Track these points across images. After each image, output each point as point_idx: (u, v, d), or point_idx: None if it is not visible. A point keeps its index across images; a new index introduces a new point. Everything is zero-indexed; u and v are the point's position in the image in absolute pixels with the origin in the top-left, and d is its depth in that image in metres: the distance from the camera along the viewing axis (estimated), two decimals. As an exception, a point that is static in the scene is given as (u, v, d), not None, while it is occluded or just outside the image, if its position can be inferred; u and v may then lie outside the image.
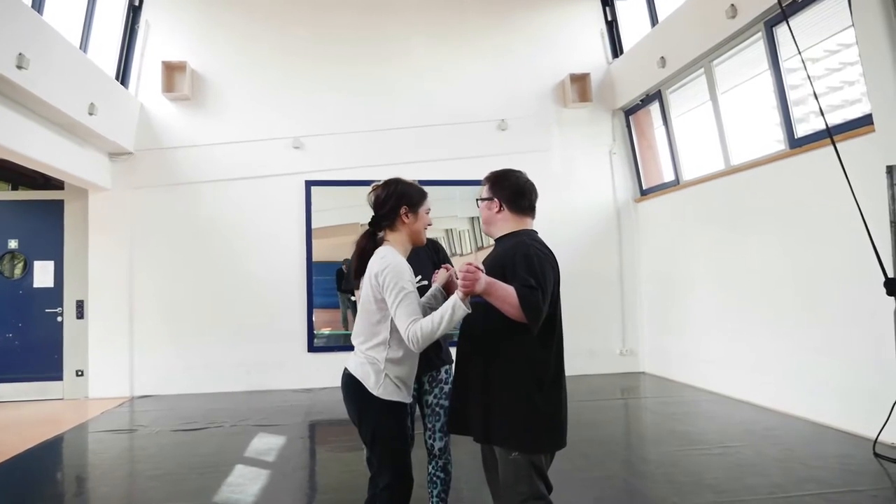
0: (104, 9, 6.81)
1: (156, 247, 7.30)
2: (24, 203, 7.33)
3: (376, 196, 2.50)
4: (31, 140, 5.62)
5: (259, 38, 7.63)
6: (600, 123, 8.13)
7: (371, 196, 2.53)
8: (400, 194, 2.47)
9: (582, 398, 6.50)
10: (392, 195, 2.46)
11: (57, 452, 5.06)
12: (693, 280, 6.88)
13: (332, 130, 7.60)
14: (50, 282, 7.17)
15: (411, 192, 2.49)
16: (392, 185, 2.50)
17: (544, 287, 2.24)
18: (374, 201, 2.50)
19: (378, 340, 2.36)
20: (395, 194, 2.46)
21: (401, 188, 2.49)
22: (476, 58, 7.94)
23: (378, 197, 2.49)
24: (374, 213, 2.50)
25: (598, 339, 7.90)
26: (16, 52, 4.75)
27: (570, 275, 7.62)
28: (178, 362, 7.23)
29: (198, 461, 4.55)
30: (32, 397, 7.01)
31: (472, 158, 7.73)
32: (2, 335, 7.06)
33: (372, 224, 2.50)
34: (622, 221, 8.06)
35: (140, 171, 7.32)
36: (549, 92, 8.04)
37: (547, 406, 2.32)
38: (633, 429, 5.43)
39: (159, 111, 7.43)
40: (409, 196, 2.47)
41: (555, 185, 7.92)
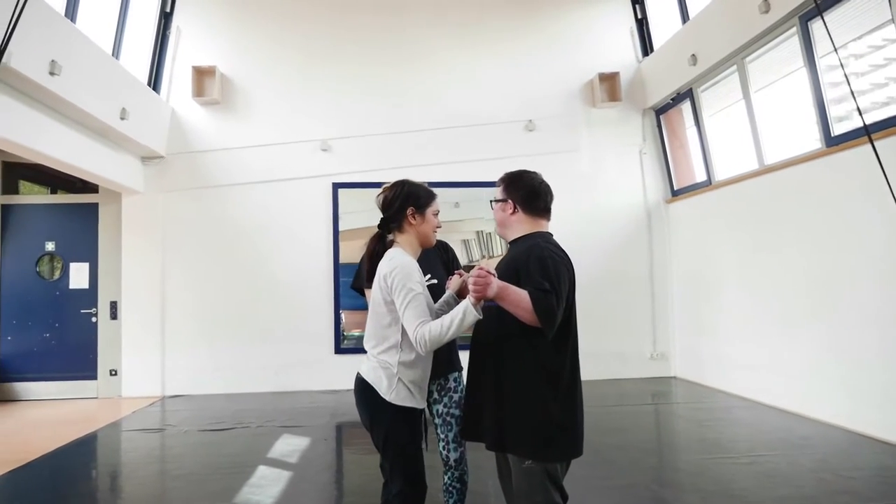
0: (137, 16, 6.97)
1: (186, 249, 7.42)
2: (61, 206, 7.52)
3: (384, 198, 2.48)
4: (65, 144, 5.76)
5: (286, 41, 7.70)
6: (630, 123, 7.99)
7: (379, 198, 2.51)
8: (406, 195, 2.44)
9: (611, 403, 6.40)
10: (399, 196, 2.44)
11: (88, 450, 5.16)
12: (726, 282, 6.71)
13: (359, 133, 7.63)
14: (85, 283, 7.34)
15: (418, 194, 2.47)
16: (399, 187, 2.48)
17: (559, 291, 2.18)
18: (382, 203, 2.48)
19: (389, 344, 2.34)
20: (402, 195, 2.44)
21: (407, 189, 2.46)
22: (502, 59, 7.88)
23: (385, 198, 2.47)
24: (383, 215, 2.48)
25: (628, 342, 7.77)
26: (48, 59, 4.87)
27: (600, 277, 7.65)
28: (208, 363, 7.33)
29: (222, 461, 4.59)
30: (68, 396, 7.18)
31: (499, 160, 7.62)
32: (39, 335, 7.25)
33: (381, 226, 2.48)
34: (653, 222, 7.90)
35: (171, 174, 7.45)
36: (578, 92, 7.93)
37: (561, 413, 2.26)
38: (662, 435, 5.30)
39: (190, 115, 7.56)
40: (415, 197, 2.45)
41: (584, 186, 7.83)
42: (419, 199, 2.45)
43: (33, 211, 7.40)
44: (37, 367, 7.19)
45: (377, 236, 2.50)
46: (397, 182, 2.52)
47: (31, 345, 7.22)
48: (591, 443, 4.75)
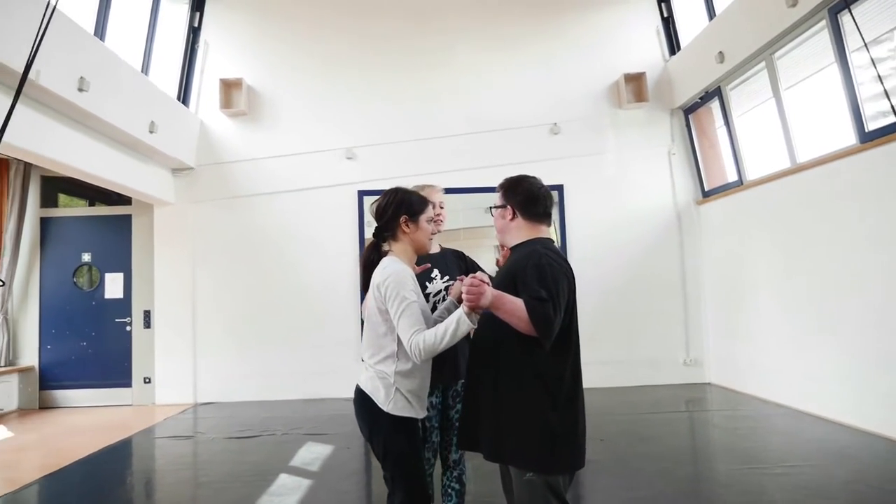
0: (166, 32, 7.15)
1: (216, 258, 7.55)
2: (96, 218, 7.73)
3: (377, 206, 2.46)
4: (96, 158, 5.93)
5: (311, 51, 7.79)
6: (658, 123, 7.83)
7: (373, 207, 2.50)
8: (399, 203, 2.43)
9: (643, 411, 6.26)
10: (391, 204, 2.43)
11: (119, 457, 5.27)
12: (760, 284, 6.50)
13: (383, 140, 7.66)
14: (120, 293, 7.53)
15: (411, 201, 2.45)
16: (391, 195, 2.46)
17: (556, 299, 2.12)
18: (375, 212, 2.46)
19: (386, 353, 2.31)
20: (395, 203, 2.43)
21: (400, 197, 2.45)
22: (525, 62, 7.83)
23: (378, 207, 2.46)
24: (377, 224, 2.46)
25: (660, 347, 7.59)
26: (77, 76, 5.02)
27: (629, 281, 7.52)
28: (239, 370, 7.43)
29: (245, 469, 4.63)
30: (104, 403, 7.37)
31: (524, 164, 7.55)
32: (77, 344, 7.46)
33: (375, 235, 2.47)
34: (683, 224, 7.72)
35: (201, 185, 7.60)
36: (603, 93, 7.81)
37: (562, 425, 2.19)
38: (692, 444, 5.15)
39: (218, 127, 7.70)
40: (408, 204, 2.43)
41: (611, 189, 7.72)
42: (412, 207, 2.43)
43: (70, 223, 7.63)
44: (74, 374, 7.41)
45: (372, 245, 2.48)
46: (390, 190, 2.51)
47: (69, 353, 7.43)
48: (618, 452, 4.72)
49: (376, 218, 2.48)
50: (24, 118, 4.79)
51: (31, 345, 7.40)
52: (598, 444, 5.10)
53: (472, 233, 7.49)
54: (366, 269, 2.44)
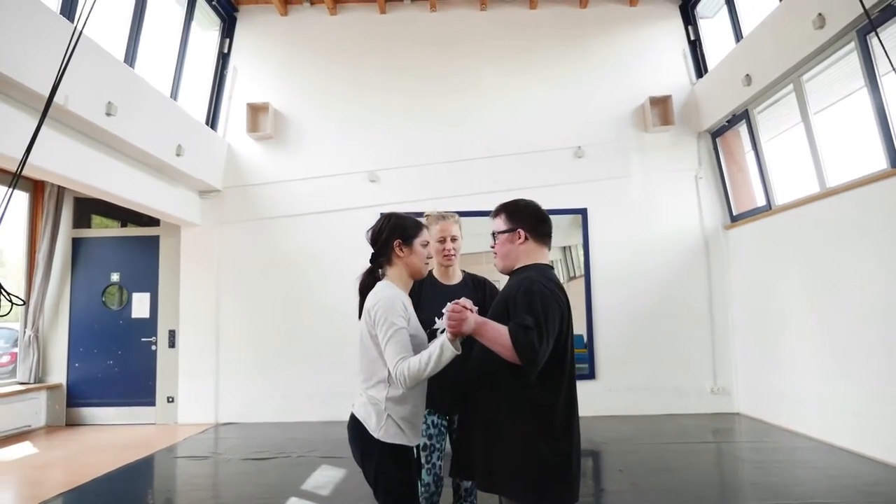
0: (198, 57, 7.35)
1: (241, 279, 7.63)
2: (125, 239, 7.90)
3: (372, 231, 2.45)
4: (125, 181, 6.07)
5: (336, 74, 7.91)
6: (684, 147, 7.72)
7: (368, 233, 2.48)
8: (392, 228, 2.42)
9: (665, 440, 6.08)
10: (385, 229, 2.42)
11: (135, 476, 5.29)
12: (790, 311, 6.29)
13: (406, 163, 7.70)
14: (146, 312, 7.66)
15: (405, 225, 2.43)
16: (385, 220, 2.46)
17: (544, 327, 2.06)
18: (371, 236, 2.45)
19: (378, 379, 2.28)
20: (388, 228, 2.42)
21: (393, 222, 2.44)
22: (549, 85, 7.82)
23: (373, 232, 2.44)
24: (372, 250, 2.44)
25: (686, 375, 7.39)
26: (105, 101, 5.17)
27: (655, 307, 7.38)
28: (260, 391, 7.45)
29: (256, 491, 4.62)
30: (128, 421, 7.46)
31: (548, 187, 7.57)
32: (104, 362, 7.58)
33: (371, 260, 2.45)
34: (711, 249, 7.55)
35: (227, 207, 7.72)
36: (628, 116, 7.75)
37: (554, 457, 2.12)
38: (715, 477, 4.96)
39: (244, 150, 7.84)
40: (402, 229, 2.41)
41: (636, 213, 7.61)
42: (405, 231, 2.42)
43: (100, 243, 7.82)
44: (101, 393, 7.52)
45: (368, 271, 2.47)
46: (384, 215, 2.50)
47: (96, 371, 7.56)
48: (637, 483, 4.59)
49: (371, 243, 2.47)
50: (53, 141, 4.94)
51: (59, 362, 7.55)
52: (616, 475, 4.98)
53: None
54: (361, 294, 2.42)
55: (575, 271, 7.59)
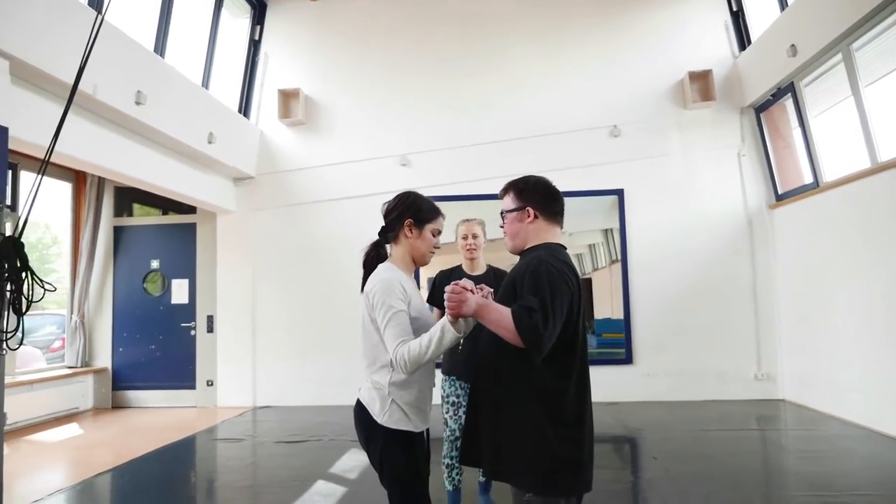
0: (229, 44, 7.40)
1: (275, 265, 7.71)
2: (164, 227, 8.06)
3: (387, 204, 2.37)
4: (158, 169, 6.18)
5: (366, 58, 7.85)
6: (726, 123, 7.40)
7: (384, 205, 2.40)
8: (408, 205, 2.33)
9: (704, 427, 5.90)
10: (400, 205, 2.33)
11: (170, 458, 5.41)
12: (838, 293, 5.99)
13: (437, 146, 7.61)
14: (185, 298, 7.82)
15: (421, 207, 2.33)
16: (403, 196, 2.37)
17: (550, 309, 1.94)
18: (384, 209, 2.37)
19: (381, 363, 2.22)
20: (404, 204, 2.33)
21: (411, 200, 2.35)
22: (583, 63, 7.59)
23: (388, 205, 2.36)
24: (384, 223, 2.37)
25: (729, 361, 7.15)
26: (134, 90, 5.24)
27: (696, 290, 7.14)
28: (296, 375, 7.54)
29: (285, 474, 4.66)
30: (170, 404, 7.66)
31: (583, 168, 7.41)
32: (146, 347, 7.79)
33: (380, 233, 2.38)
34: (754, 230, 7.24)
35: (260, 193, 7.80)
36: (666, 93, 7.47)
37: (564, 445, 2.02)
38: (754, 466, 4.75)
39: (276, 137, 7.88)
40: (416, 210, 2.32)
41: (676, 194, 7.36)
42: (419, 213, 2.32)
43: (140, 231, 8.00)
44: (143, 376, 7.74)
45: (375, 244, 2.40)
46: (404, 192, 2.41)
47: (139, 356, 7.78)
48: (670, 470, 4.44)
49: (384, 216, 2.39)
50: (84, 130, 5.04)
51: (104, 347, 7.79)
52: (649, 462, 4.84)
53: None
54: (365, 267, 2.37)
55: (617, 255, 7.40)
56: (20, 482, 4.55)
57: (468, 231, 3.71)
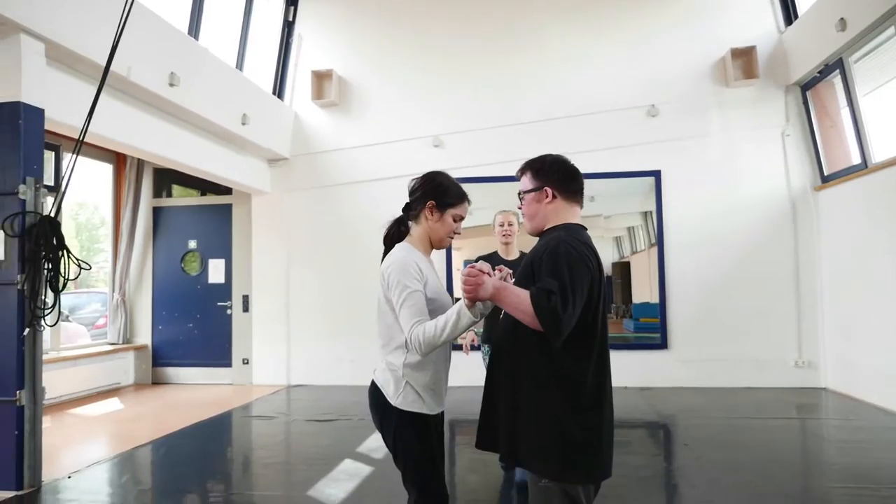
0: (263, 26, 7.43)
1: (308, 245, 7.78)
2: (201, 207, 8.21)
3: (413, 182, 2.33)
4: (193, 151, 6.29)
5: (399, 39, 7.80)
6: (770, 102, 7.12)
7: (411, 181, 2.36)
8: (433, 186, 2.27)
9: (739, 414, 5.75)
10: (425, 184, 2.28)
11: (203, 434, 5.52)
12: (886, 278, 5.73)
13: (470, 127, 7.53)
14: (221, 278, 7.97)
15: (445, 190, 2.27)
16: (429, 177, 2.31)
17: (569, 291, 1.88)
18: (409, 187, 2.33)
19: (396, 344, 2.19)
20: (429, 185, 2.27)
21: (437, 181, 2.29)
22: (622, 41, 7.38)
23: (414, 183, 2.32)
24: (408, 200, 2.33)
25: (767, 347, 6.94)
26: (168, 72, 5.30)
27: (734, 274, 6.95)
28: (329, 355, 7.62)
29: (313, 452, 4.72)
30: (207, 381, 7.84)
31: (619, 149, 7.25)
32: (184, 325, 7.98)
33: (403, 209, 2.34)
34: (798, 212, 6.98)
35: (294, 174, 7.86)
36: (707, 70, 7.21)
37: (582, 431, 1.97)
38: (787, 455, 4.60)
39: (310, 118, 7.91)
40: (440, 192, 2.26)
41: (715, 175, 7.16)
42: (443, 196, 2.26)
43: (178, 212, 8.17)
44: (182, 354, 7.94)
45: (396, 220, 2.37)
46: (431, 172, 2.35)
47: (178, 334, 7.98)
48: (700, 458, 4.35)
49: (409, 193, 2.35)
50: (120, 112, 5.13)
51: (145, 325, 8.01)
52: (680, 449, 4.76)
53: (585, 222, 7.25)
54: (386, 244, 2.34)
55: (655, 238, 7.24)
56: (61, 453, 4.71)
57: (505, 219, 4.17)
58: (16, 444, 3.79)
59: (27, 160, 3.94)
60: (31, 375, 3.89)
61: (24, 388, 3.84)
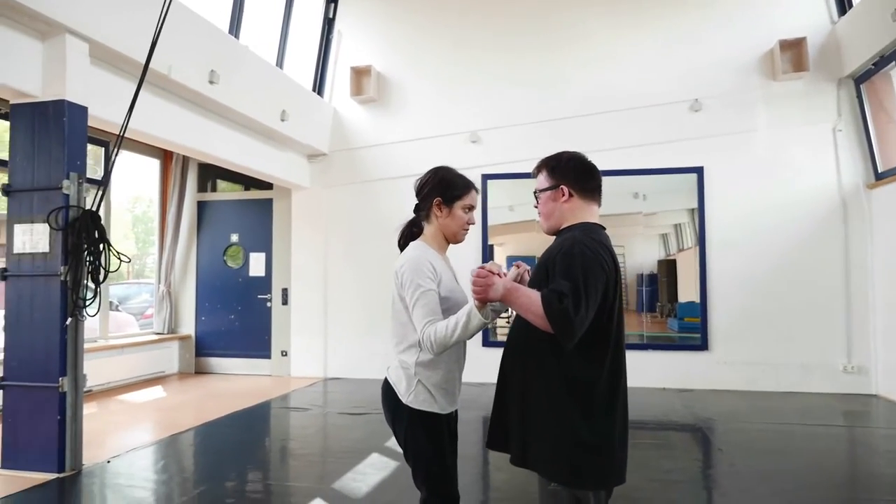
0: (303, 23, 7.54)
1: (346, 240, 7.87)
2: (243, 202, 8.40)
3: (418, 181, 2.31)
4: (233, 147, 6.42)
5: (437, 34, 7.79)
6: (821, 96, 6.84)
7: (416, 182, 2.34)
8: (437, 182, 2.25)
9: (780, 420, 5.56)
10: (429, 182, 2.27)
11: (239, 423, 5.64)
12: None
13: (508, 123, 7.48)
14: (262, 271, 8.14)
15: (449, 184, 2.25)
16: (432, 173, 2.30)
17: (582, 293, 1.84)
18: (416, 187, 2.31)
19: (408, 343, 2.20)
20: (432, 183, 2.26)
21: (439, 177, 2.27)
22: (664, 33, 7.20)
23: (419, 182, 2.30)
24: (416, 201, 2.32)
25: (815, 351, 6.69)
26: (208, 70, 5.42)
27: (780, 274, 6.73)
28: (365, 349, 7.69)
29: (342, 445, 4.78)
30: (247, 372, 8.02)
31: (660, 145, 7.09)
32: (226, 317, 8.19)
33: (414, 210, 2.34)
34: (849, 211, 6.69)
35: (333, 170, 7.96)
36: (753, 63, 6.97)
37: (594, 435, 1.92)
38: (830, 465, 4.42)
39: (349, 114, 7.98)
40: (445, 187, 2.24)
41: (761, 172, 6.94)
42: (448, 191, 2.24)
43: (221, 206, 8.37)
44: (223, 344, 8.15)
45: (410, 222, 2.37)
46: (434, 168, 2.34)
47: (220, 325, 8.18)
48: (734, 465, 4.23)
49: (416, 194, 2.34)
50: (162, 109, 5.28)
51: (189, 316, 8.25)
52: (714, 454, 4.63)
53: (631, 220, 7.17)
54: (400, 246, 2.35)
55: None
56: (104, 438, 4.89)
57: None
58: (58, 428, 3.96)
59: (71, 156, 4.09)
60: (73, 363, 4.05)
61: (66, 376, 4.01)
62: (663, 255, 7.23)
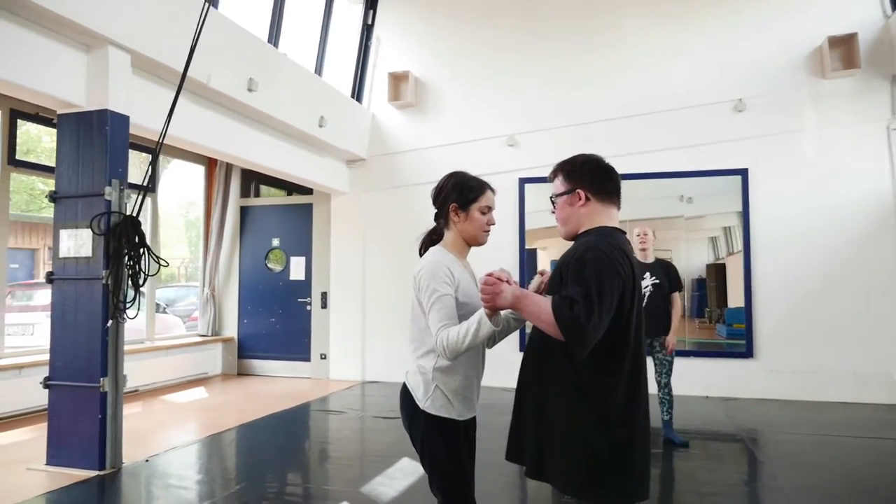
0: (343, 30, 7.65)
1: (384, 245, 7.92)
2: (284, 207, 8.56)
3: (434, 189, 2.32)
4: (273, 153, 6.57)
5: (475, 39, 7.79)
6: (874, 94, 6.56)
7: (432, 190, 2.35)
8: (451, 188, 2.26)
9: (829, 432, 5.34)
10: (443, 189, 2.27)
11: (276, 425, 5.74)
12: None
13: (546, 126, 7.41)
14: (302, 275, 8.27)
15: (463, 188, 2.25)
16: (446, 179, 2.30)
17: (595, 300, 1.78)
18: (432, 195, 2.32)
19: (426, 348, 2.19)
20: (447, 189, 2.26)
21: (453, 182, 2.27)
22: (703, 33, 7.03)
23: (435, 190, 2.31)
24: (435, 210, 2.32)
25: (867, 360, 6.41)
26: (247, 78, 5.55)
27: (830, 279, 6.50)
28: (401, 353, 7.62)
29: (373, 449, 4.82)
30: (288, 374, 8.16)
31: (703, 146, 6.93)
32: (267, 320, 8.35)
33: (434, 219, 2.34)
34: (904, 214, 6.40)
35: (371, 175, 8.03)
36: (801, 61, 6.74)
37: (609, 448, 1.86)
38: (877, 481, 4.18)
39: (387, 119, 8.05)
40: (458, 190, 2.24)
41: (810, 173, 6.70)
42: (462, 195, 2.24)
43: (263, 211, 8.55)
44: (265, 347, 8.31)
45: (431, 230, 2.37)
46: (448, 174, 2.34)
47: (261, 328, 8.35)
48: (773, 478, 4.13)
49: (433, 202, 2.35)
50: (202, 117, 5.43)
51: (232, 318, 8.44)
52: (754, 466, 4.47)
53: (679, 223, 7.03)
54: (421, 255, 2.35)
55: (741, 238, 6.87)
56: (146, 437, 5.04)
57: (642, 231, 4.98)
58: (99, 427, 4.10)
59: (113, 163, 4.24)
60: (114, 364, 4.19)
61: (108, 376, 4.14)
62: (712, 259, 7.04)
